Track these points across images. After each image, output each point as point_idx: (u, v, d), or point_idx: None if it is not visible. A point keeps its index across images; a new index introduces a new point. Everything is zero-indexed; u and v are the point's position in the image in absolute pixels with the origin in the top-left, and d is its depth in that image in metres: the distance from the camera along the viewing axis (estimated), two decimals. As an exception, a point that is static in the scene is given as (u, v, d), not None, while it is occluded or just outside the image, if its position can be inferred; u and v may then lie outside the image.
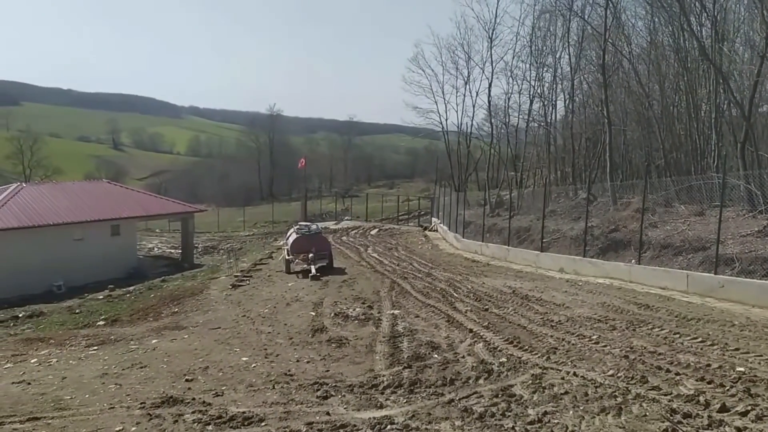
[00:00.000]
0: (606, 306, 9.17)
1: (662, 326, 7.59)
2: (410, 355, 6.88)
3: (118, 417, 5.07)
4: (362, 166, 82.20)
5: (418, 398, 5.28)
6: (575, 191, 21.34)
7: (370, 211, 35.10)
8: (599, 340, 7.03)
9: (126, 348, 8.34)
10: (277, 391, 5.73)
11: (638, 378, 5.44)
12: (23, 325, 12.74)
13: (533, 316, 8.65)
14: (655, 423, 4.38)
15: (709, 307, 8.93)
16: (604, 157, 19.68)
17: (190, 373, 6.62)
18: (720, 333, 7.15)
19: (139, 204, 23.54)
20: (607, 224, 14.46)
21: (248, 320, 9.94)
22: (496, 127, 30.30)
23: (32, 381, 6.56)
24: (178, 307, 12.37)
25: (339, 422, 4.68)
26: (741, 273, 9.74)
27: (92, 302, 15.29)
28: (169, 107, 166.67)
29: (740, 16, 17.38)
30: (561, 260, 14.40)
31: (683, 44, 17.95)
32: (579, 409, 4.76)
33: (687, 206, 14.04)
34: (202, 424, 4.78)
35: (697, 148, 17.34)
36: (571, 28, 23.58)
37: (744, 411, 4.51)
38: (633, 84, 20.21)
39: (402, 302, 10.49)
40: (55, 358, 7.91)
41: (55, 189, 22.99)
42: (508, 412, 4.79)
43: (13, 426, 4.96)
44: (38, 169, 66.28)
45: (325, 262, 15.67)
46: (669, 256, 11.74)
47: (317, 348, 7.63)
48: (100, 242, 20.47)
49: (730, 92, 15.08)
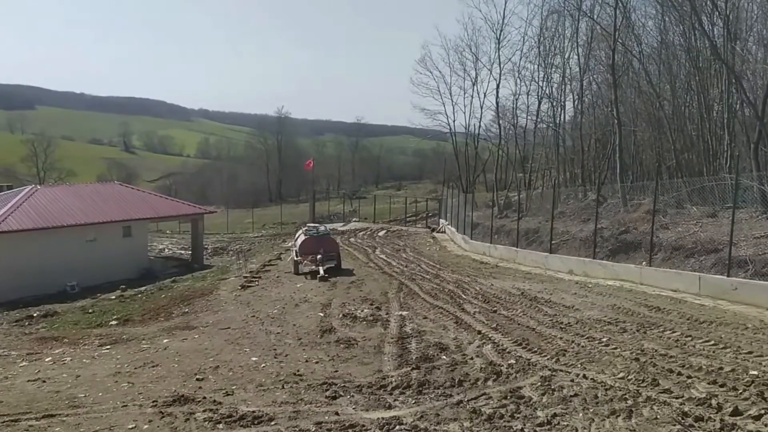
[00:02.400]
0: (616, 308, 9.09)
1: (674, 329, 7.52)
2: (419, 356, 6.89)
3: (131, 415, 5.15)
4: (370, 168, 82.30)
5: (426, 399, 5.28)
6: (585, 193, 21.17)
7: (377, 213, 35.13)
8: (609, 343, 6.98)
9: (138, 347, 8.45)
10: (286, 390, 5.77)
11: (649, 381, 5.39)
12: (38, 325, 12.93)
13: (542, 318, 8.61)
14: (666, 426, 4.35)
15: (721, 310, 8.82)
16: (614, 158, 19.52)
17: (201, 372, 6.69)
18: (733, 336, 7.06)
19: (149, 206, 23.79)
20: (618, 226, 14.34)
21: (257, 321, 10.00)
22: (504, 128, 30.19)
23: (47, 379, 6.67)
24: (188, 307, 12.49)
25: (348, 422, 4.71)
26: (754, 275, 9.61)
27: (105, 302, 15.48)
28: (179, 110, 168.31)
29: (753, 14, 17.18)
30: (570, 262, 14.30)
31: (695, 43, 17.77)
32: (589, 412, 4.73)
33: (699, 208, 13.88)
34: (212, 423, 4.83)
35: (709, 148, 17.14)
36: (580, 28, 23.46)
37: (757, 415, 4.46)
38: (643, 84, 20.04)
39: (410, 303, 10.49)
40: (69, 357, 8.03)
41: (69, 191, 23.31)
42: (517, 413, 4.78)
43: (29, 423, 5.05)
44: (52, 171, 67.31)
45: (334, 263, 15.72)
46: (681, 258, 11.61)
47: (326, 348, 7.66)
48: (113, 243, 20.72)
49: (742, 92, 14.89)
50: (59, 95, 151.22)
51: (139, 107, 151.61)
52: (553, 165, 26.87)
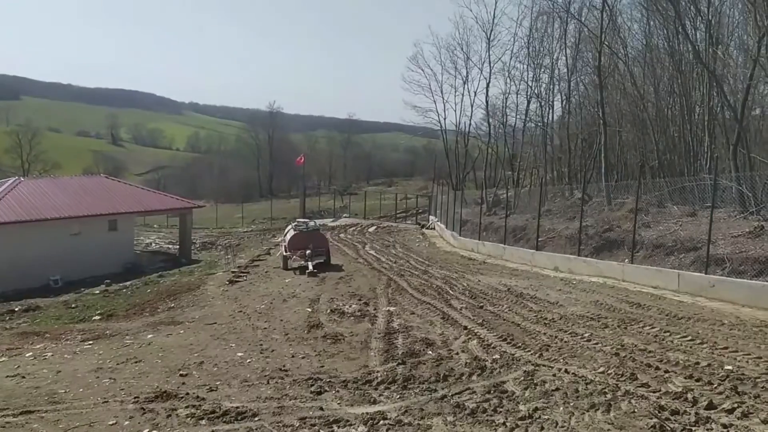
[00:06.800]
0: (599, 304, 9.25)
1: (653, 324, 7.67)
2: (405, 351, 6.94)
3: (112, 411, 5.10)
4: (361, 164, 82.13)
5: (411, 394, 5.33)
6: (571, 191, 21.42)
7: (368, 209, 35.13)
8: (591, 338, 7.11)
9: (121, 343, 8.37)
10: (271, 386, 5.77)
11: (628, 375, 5.51)
12: (19, 319, 12.72)
13: (527, 313, 8.72)
14: (644, 419, 4.44)
15: (699, 307, 9.01)
16: (599, 157, 19.80)
17: (185, 368, 6.66)
18: (709, 332, 7.23)
19: (136, 199, 23.48)
20: (602, 224, 14.55)
21: (244, 316, 9.97)
22: (494, 126, 30.43)
23: (26, 375, 6.58)
24: (174, 302, 12.40)
25: (332, 417, 4.73)
26: (731, 273, 9.83)
27: (88, 297, 15.27)
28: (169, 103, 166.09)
29: (734, 20, 17.54)
30: (556, 259, 14.49)
31: (678, 47, 18.08)
32: (569, 406, 4.82)
33: (680, 207, 14.15)
34: (195, 419, 4.80)
35: (690, 149, 17.47)
36: (568, 30, 23.72)
37: (731, 408, 4.58)
38: (628, 86, 20.33)
39: (398, 299, 10.54)
40: (50, 352, 7.93)
41: (53, 183, 22.90)
42: (499, 407, 4.85)
43: (6, 419, 4.96)
44: (37, 163, 65.89)
45: (323, 258, 15.71)
46: (661, 255, 11.83)
47: (312, 344, 7.67)
48: (98, 237, 20.43)
49: (723, 95, 15.19)
50: (45, 86, 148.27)
51: (128, 99, 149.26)
52: (540, 164, 27.14)
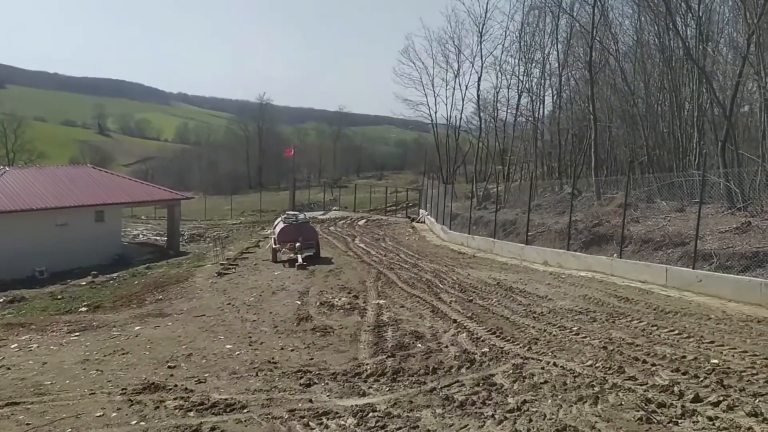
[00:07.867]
0: (587, 298, 9.33)
1: (641, 318, 7.76)
2: (394, 344, 6.95)
3: (99, 403, 5.04)
4: (351, 157, 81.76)
5: (400, 386, 5.33)
6: (561, 186, 21.56)
7: (358, 202, 35.03)
8: (579, 332, 7.17)
9: (108, 334, 8.27)
10: (260, 378, 5.74)
11: (615, 368, 5.56)
12: (4, 311, 12.52)
13: (516, 307, 8.77)
14: (630, 412, 4.49)
15: (686, 301, 9.14)
16: (589, 152, 19.93)
17: (173, 360, 6.60)
18: (696, 326, 7.33)
19: (124, 190, 23.16)
20: (591, 219, 14.67)
21: (233, 308, 9.91)
22: (485, 120, 30.39)
23: (12, 366, 6.48)
24: (162, 294, 12.28)
25: (321, 409, 4.72)
26: (718, 268, 9.98)
27: (75, 288, 15.05)
28: (157, 93, 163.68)
29: (724, 17, 17.69)
30: (545, 253, 14.59)
31: (668, 44, 18.19)
32: (557, 398, 4.86)
33: (668, 202, 14.32)
34: (183, 411, 4.76)
35: (679, 145, 17.65)
36: (560, 24, 23.73)
37: (716, 401, 4.63)
38: (619, 82, 20.44)
39: (387, 292, 10.54)
40: (36, 344, 7.81)
41: (39, 173, 22.48)
42: (488, 400, 4.87)
43: (-9, 411, 4.89)
44: (22, 153, 64.53)
45: (312, 251, 15.65)
46: (649, 250, 11.97)
47: (302, 336, 7.65)
48: (84, 228, 20.12)
49: (712, 92, 15.34)
50: (31, 74, 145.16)
51: (115, 89, 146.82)
52: (531, 158, 27.22)
